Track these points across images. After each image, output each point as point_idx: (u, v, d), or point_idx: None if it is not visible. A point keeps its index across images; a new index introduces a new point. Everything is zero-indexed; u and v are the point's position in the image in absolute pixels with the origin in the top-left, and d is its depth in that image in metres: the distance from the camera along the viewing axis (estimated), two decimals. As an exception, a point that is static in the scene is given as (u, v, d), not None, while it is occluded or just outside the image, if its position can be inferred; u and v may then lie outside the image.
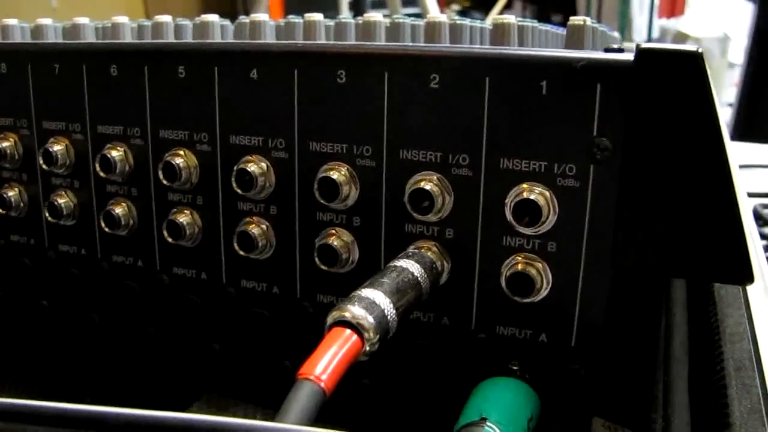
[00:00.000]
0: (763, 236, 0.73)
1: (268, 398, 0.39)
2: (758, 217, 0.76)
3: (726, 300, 0.35)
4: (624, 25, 2.54)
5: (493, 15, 2.00)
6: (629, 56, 0.28)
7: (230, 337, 0.39)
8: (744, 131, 2.07)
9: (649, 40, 2.51)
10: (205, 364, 0.40)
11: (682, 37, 2.59)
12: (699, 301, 0.39)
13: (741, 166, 1.05)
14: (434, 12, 1.36)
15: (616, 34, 0.65)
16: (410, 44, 0.33)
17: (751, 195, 0.85)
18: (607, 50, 0.30)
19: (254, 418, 0.36)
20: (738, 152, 1.16)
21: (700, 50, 0.27)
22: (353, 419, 0.36)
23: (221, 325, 0.39)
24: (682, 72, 0.27)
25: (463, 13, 3.22)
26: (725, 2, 2.86)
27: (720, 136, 0.27)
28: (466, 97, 0.30)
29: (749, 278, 0.29)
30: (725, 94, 2.68)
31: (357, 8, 1.59)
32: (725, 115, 2.55)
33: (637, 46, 0.28)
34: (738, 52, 2.47)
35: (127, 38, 0.43)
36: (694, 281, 0.37)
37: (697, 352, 0.36)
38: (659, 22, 2.72)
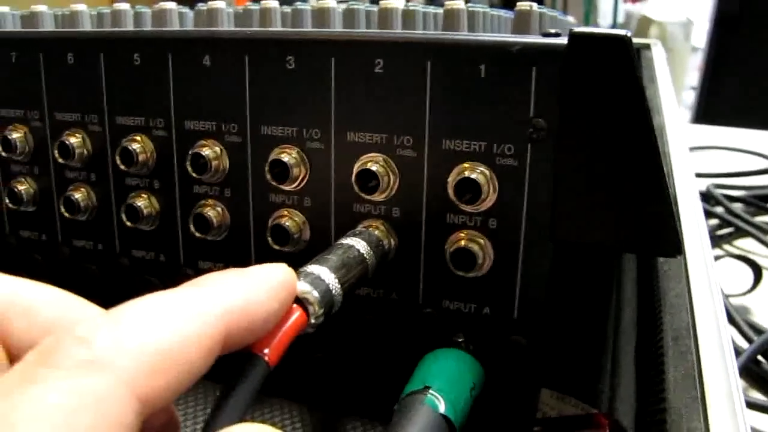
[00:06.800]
0: (714, 215, 0.74)
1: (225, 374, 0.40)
2: (710, 196, 0.77)
3: (669, 274, 0.37)
4: (590, 10, 2.56)
5: None
6: (563, 40, 0.30)
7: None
8: (705, 113, 2.11)
9: (614, 24, 2.54)
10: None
11: (646, 22, 2.62)
12: (646, 275, 0.40)
13: (699, 148, 1.07)
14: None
15: (570, 19, 0.66)
16: (355, 30, 0.34)
17: (705, 175, 0.86)
18: (545, 35, 0.31)
19: (212, 393, 0.37)
20: (697, 134, 1.18)
21: (628, 34, 0.29)
22: (309, 390, 0.38)
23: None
24: (610, 55, 0.29)
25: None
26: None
27: (647, 115, 0.29)
28: (409, 81, 0.31)
29: (677, 250, 0.31)
30: (688, 77, 2.71)
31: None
32: (688, 99, 2.59)
33: (570, 30, 0.29)
34: (700, 36, 2.51)
35: (86, 26, 0.43)
36: (629, 254, 0.38)
37: (644, 324, 0.38)
38: (624, 7, 2.75)
